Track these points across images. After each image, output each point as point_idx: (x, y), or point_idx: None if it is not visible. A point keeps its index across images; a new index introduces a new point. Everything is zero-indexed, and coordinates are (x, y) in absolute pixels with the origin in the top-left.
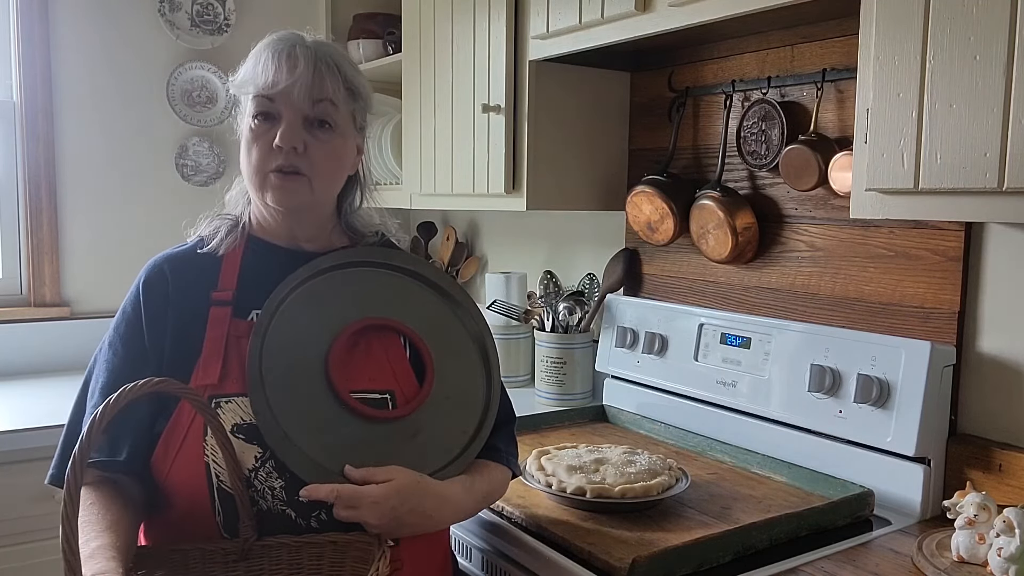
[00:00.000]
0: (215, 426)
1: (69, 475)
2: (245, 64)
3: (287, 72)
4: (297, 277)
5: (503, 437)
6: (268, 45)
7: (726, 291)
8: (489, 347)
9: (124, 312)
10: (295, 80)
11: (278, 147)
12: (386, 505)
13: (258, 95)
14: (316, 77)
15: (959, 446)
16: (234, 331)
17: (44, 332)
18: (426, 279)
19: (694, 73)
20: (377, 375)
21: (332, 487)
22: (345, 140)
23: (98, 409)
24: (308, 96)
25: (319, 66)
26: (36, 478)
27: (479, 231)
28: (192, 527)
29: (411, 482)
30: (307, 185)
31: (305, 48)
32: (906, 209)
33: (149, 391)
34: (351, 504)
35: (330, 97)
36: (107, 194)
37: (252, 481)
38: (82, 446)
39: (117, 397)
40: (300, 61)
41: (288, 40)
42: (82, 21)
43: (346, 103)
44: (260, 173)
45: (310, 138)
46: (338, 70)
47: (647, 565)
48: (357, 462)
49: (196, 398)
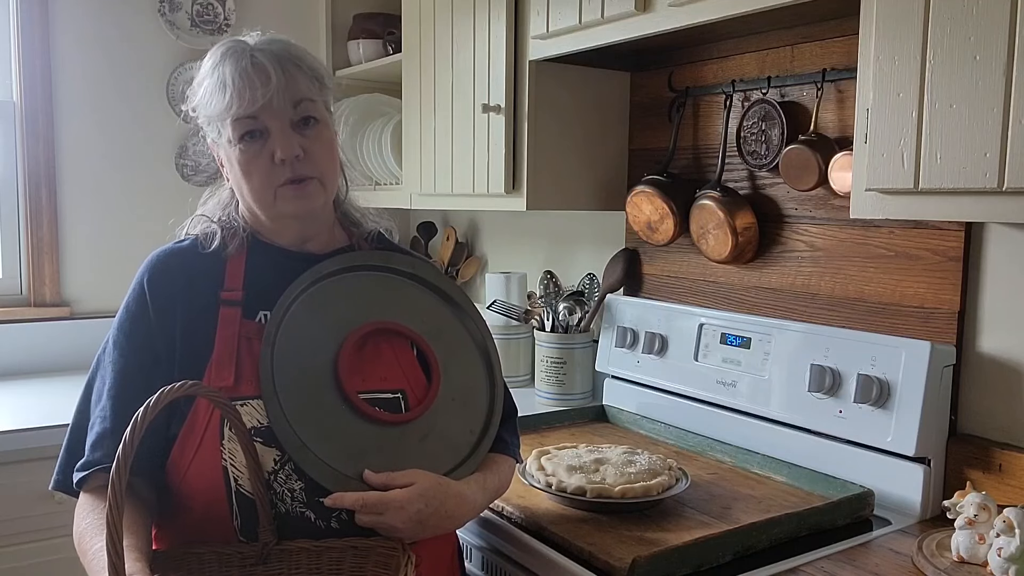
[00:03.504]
0: (240, 430)
1: (114, 476)
2: (202, 87)
3: (261, 85)
4: (301, 283)
5: (508, 429)
6: (223, 62)
7: (726, 291)
8: (491, 348)
9: (128, 310)
10: (272, 90)
11: (281, 160)
12: (411, 509)
13: (238, 118)
14: (288, 79)
15: (959, 446)
16: (244, 332)
17: (44, 332)
18: (427, 282)
19: (694, 73)
20: (388, 375)
21: (358, 495)
22: (329, 130)
23: (138, 412)
24: (288, 101)
25: (287, 67)
26: (36, 478)
27: (479, 231)
28: (209, 531)
29: (433, 484)
30: (319, 186)
31: (263, 53)
32: (906, 209)
33: (185, 394)
34: (377, 510)
35: (307, 95)
36: (107, 194)
37: (272, 484)
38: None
39: (156, 400)
40: (268, 69)
41: (240, 51)
42: (82, 21)
43: (319, 94)
44: (267, 191)
45: (303, 140)
46: (301, 64)
47: (647, 565)
48: (373, 466)
49: (227, 405)
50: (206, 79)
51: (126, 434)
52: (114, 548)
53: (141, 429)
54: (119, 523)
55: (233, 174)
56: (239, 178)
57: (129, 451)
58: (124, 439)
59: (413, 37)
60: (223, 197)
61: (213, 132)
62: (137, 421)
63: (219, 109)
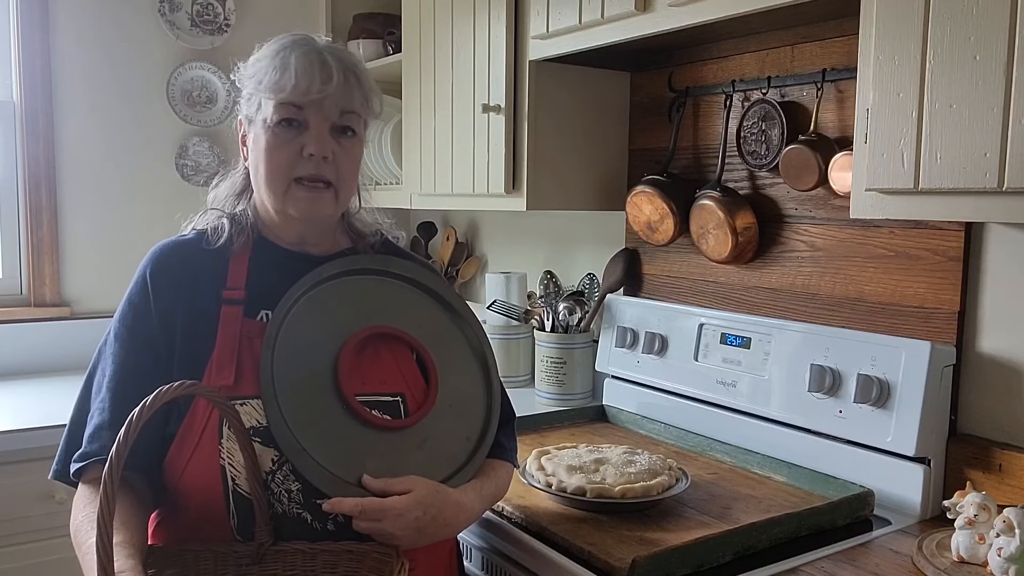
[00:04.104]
0: (238, 430)
1: (106, 476)
2: (260, 63)
3: (321, 82)
4: (302, 286)
5: (506, 434)
6: (291, 48)
7: (726, 291)
8: (488, 355)
9: (131, 302)
10: (330, 91)
11: (310, 155)
12: (410, 517)
13: (285, 102)
14: (346, 88)
15: (959, 446)
16: (246, 331)
17: (44, 332)
18: (426, 288)
19: (694, 73)
20: (388, 378)
21: (356, 501)
22: (362, 146)
23: (134, 412)
24: (338, 107)
25: (348, 76)
26: (36, 478)
27: (479, 231)
28: (206, 530)
29: (431, 492)
30: (332, 196)
31: (333, 56)
32: (906, 209)
33: (183, 394)
34: (375, 517)
35: (356, 108)
36: (107, 194)
37: (269, 484)
38: (119, 449)
39: (153, 400)
40: (334, 71)
41: (311, 45)
42: (82, 21)
43: (365, 111)
44: (283, 180)
45: (336, 146)
46: (360, 80)
47: (647, 565)
48: (370, 472)
49: (225, 405)
50: (267, 57)
51: (120, 434)
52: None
53: (136, 428)
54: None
55: (255, 154)
56: (259, 159)
57: (123, 450)
58: (118, 439)
59: (413, 37)
60: (236, 183)
61: (251, 107)
62: (133, 420)
63: (271, 83)
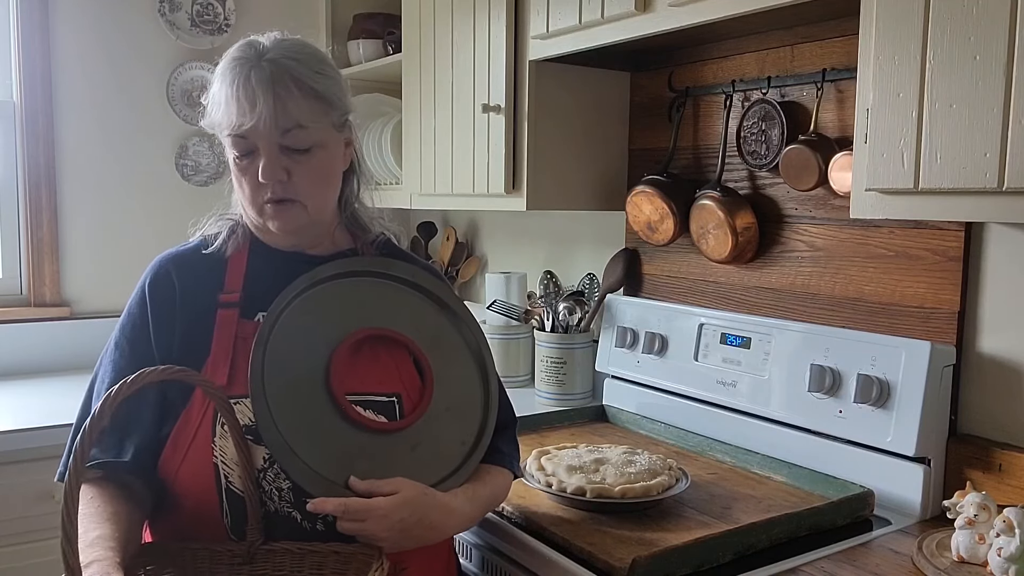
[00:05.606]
0: (230, 420)
1: (70, 471)
2: (212, 97)
3: (248, 110)
4: (296, 287)
5: (505, 439)
6: (223, 78)
7: (726, 291)
8: (487, 358)
9: (130, 314)
10: (256, 118)
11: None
12: (394, 518)
13: (232, 135)
14: (278, 106)
15: (959, 446)
16: (241, 332)
17: (44, 332)
18: (426, 290)
19: (694, 73)
20: (385, 378)
21: (340, 500)
22: (328, 151)
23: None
24: (277, 127)
25: (278, 92)
26: (36, 478)
27: (479, 231)
28: (200, 528)
29: (417, 494)
30: (302, 209)
31: (260, 72)
32: (906, 209)
33: (167, 378)
34: (358, 517)
35: (298, 122)
36: (107, 194)
37: (260, 482)
38: (83, 441)
39: (132, 380)
40: (256, 95)
41: (243, 64)
42: (82, 21)
43: (319, 116)
44: (255, 205)
45: (291, 163)
46: (299, 86)
47: (647, 565)
48: (359, 474)
49: (209, 386)
50: (215, 85)
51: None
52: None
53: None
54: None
55: (233, 179)
56: (235, 184)
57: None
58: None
59: (413, 37)
60: None
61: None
62: (109, 397)
63: (214, 122)
